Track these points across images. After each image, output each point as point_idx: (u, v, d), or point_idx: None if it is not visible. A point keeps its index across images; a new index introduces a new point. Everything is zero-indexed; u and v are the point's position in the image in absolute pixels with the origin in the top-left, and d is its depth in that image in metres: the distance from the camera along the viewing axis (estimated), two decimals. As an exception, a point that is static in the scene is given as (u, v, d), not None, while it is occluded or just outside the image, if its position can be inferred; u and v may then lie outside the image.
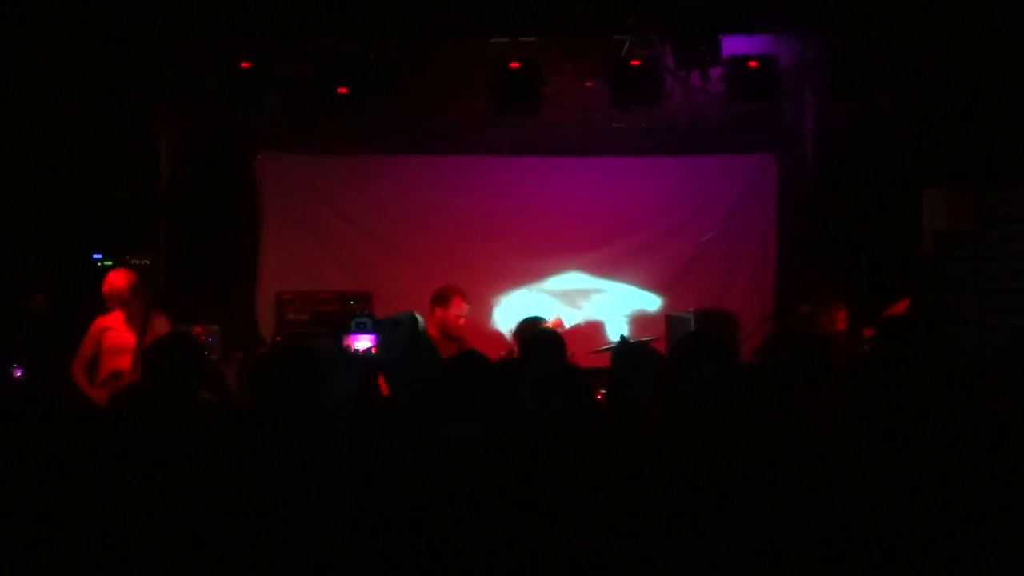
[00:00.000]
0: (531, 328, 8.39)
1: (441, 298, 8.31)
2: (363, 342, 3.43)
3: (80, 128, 8.39)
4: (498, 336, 10.06)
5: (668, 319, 10.01)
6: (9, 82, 7.48)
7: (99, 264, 9.23)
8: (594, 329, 10.34)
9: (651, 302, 10.56)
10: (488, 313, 10.54)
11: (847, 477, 3.42)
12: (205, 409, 4.58)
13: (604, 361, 5.45)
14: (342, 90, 7.56)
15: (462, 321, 8.29)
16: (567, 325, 8.85)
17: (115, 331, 7.66)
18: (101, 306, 7.90)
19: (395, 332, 3.27)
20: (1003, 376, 4.60)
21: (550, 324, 8.39)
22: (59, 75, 7.47)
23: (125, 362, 7.45)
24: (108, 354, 7.62)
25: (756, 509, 2.51)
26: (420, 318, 4.12)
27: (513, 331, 8.42)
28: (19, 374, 5.94)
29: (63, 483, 3.45)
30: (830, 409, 4.39)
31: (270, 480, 2.92)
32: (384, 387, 7.51)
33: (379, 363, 3.31)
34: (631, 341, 5.77)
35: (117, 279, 7.74)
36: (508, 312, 10.45)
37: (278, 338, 9.88)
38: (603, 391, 5.20)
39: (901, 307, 8.24)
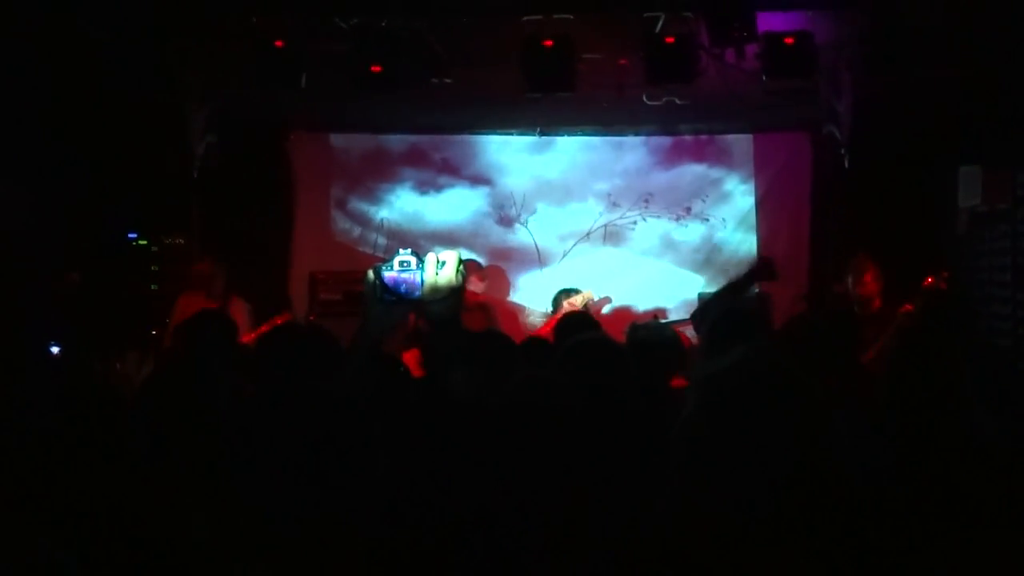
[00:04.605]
0: (564, 298, 8.48)
1: None
2: (405, 281, 3.32)
3: (114, 107, 8.41)
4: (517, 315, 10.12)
5: (700, 299, 10.00)
6: (44, 62, 7.51)
7: (134, 243, 9.29)
8: (625, 310, 10.33)
9: (688, 281, 10.54)
10: (514, 292, 10.57)
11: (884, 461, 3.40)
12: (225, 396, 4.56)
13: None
14: (376, 68, 7.55)
15: (480, 296, 8.37)
16: (596, 298, 8.86)
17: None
18: (136, 284, 7.99)
19: (439, 272, 3.19)
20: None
21: (580, 298, 8.44)
22: (93, 55, 7.49)
23: None
24: None
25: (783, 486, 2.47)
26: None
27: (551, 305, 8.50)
28: (56, 351, 5.98)
29: (88, 460, 3.47)
30: (864, 387, 4.36)
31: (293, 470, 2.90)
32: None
33: (421, 304, 3.22)
34: (639, 325, 5.74)
35: (199, 266, 8.12)
36: (538, 292, 10.43)
37: (312, 317, 9.91)
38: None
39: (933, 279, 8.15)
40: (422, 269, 3.22)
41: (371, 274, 3.19)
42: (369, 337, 3.26)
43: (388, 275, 3.20)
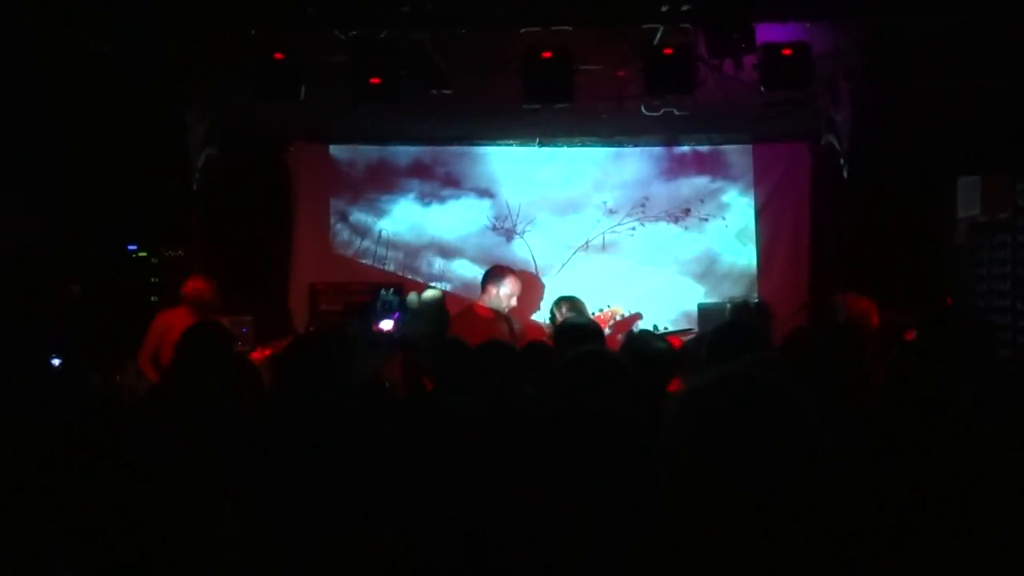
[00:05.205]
0: (565, 306, 8.44)
1: (493, 277, 8.42)
2: (389, 322, 3.41)
3: (114, 119, 8.42)
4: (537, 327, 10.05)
5: (700, 309, 10.00)
6: (44, 74, 7.52)
7: (134, 255, 9.30)
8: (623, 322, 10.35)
9: (688, 291, 10.55)
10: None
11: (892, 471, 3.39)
12: (230, 403, 4.57)
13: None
14: (375, 80, 7.56)
15: (514, 301, 8.38)
16: (625, 313, 8.82)
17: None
18: (136, 296, 7.97)
19: (422, 310, 3.25)
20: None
21: (608, 314, 8.42)
22: (93, 67, 7.50)
23: None
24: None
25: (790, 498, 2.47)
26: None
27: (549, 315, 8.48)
28: (57, 363, 5.98)
29: (88, 472, 3.47)
30: (866, 398, 4.36)
31: (296, 477, 2.91)
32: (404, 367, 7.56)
33: (407, 342, 3.29)
34: (635, 336, 5.72)
35: (204, 284, 7.99)
36: (535, 304, 10.42)
37: (312, 328, 9.93)
38: None
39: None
40: (405, 310, 3.29)
41: (357, 319, 3.27)
42: (361, 374, 3.31)
43: (373, 317, 3.26)
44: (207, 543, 3.05)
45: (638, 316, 9.46)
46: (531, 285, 10.58)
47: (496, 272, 8.62)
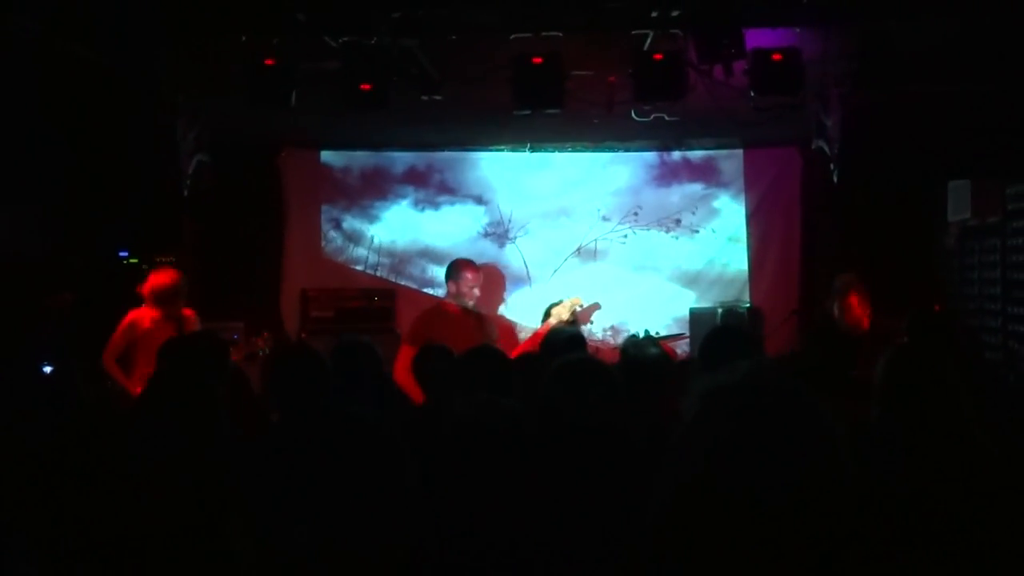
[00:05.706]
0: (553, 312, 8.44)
1: (452, 271, 8.40)
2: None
3: (105, 126, 8.42)
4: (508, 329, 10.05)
5: (692, 314, 10.02)
6: (35, 81, 7.51)
7: (125, 262, 9.28)
8: (616, 327, 10.37)
9: (679, 296, 10.56)
10: (504, 308, 10.57)
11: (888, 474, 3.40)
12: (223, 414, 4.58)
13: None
14: (365, 86, 7.56)
15: (476, 292, 8.34)
16: (584, 304, 8.78)
17: (155, 330, 7.64)
18: (127, 303, 7.94)
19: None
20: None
21: (568, 304, 8.41)
22: (83, 74, 7.50)
23: None
24: (149, 353, 7.53)
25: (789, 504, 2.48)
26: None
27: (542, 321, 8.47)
28: (49, 371, 5.98)
29: (80, 483, 3.47)
30: (860, 403, 4.38)
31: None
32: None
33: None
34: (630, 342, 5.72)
35: (166, 277, 7.82)
36: (528, 309, 10.41)
37: (303, 335, 9.93)
38: None
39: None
40: None
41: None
42: None
43: None
44: (212, 552, 3.04)
45: (596, 306, 9.46)
46: (522, 292, 10.63)
47: (452, 268, 8.56)
